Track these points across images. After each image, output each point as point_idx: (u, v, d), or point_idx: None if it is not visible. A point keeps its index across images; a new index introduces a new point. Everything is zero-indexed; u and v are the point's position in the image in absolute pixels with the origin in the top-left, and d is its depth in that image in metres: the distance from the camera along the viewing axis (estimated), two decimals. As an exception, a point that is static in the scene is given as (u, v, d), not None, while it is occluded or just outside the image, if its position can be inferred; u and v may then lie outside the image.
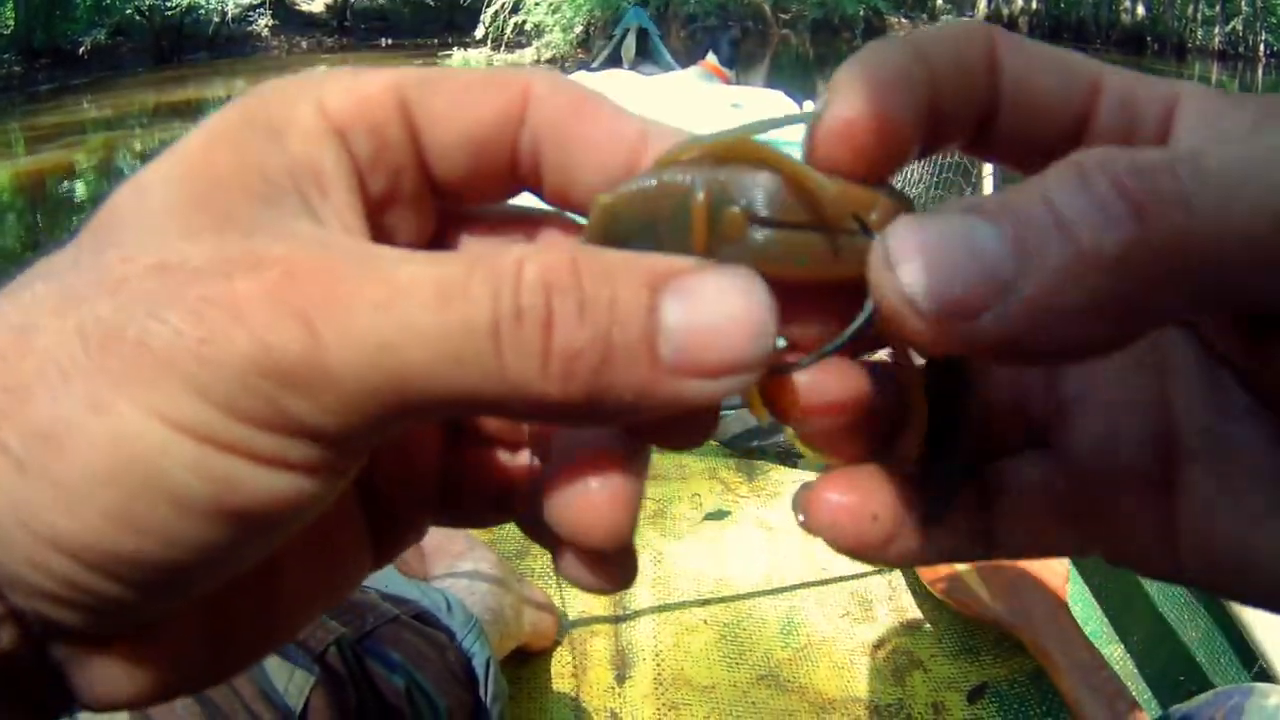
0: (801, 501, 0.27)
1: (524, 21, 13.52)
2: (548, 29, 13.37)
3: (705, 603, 1.59)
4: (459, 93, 0.23)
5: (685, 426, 0.24)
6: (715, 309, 0.20)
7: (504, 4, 13.59)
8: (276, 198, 0.21)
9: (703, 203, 0.21)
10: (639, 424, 0.23)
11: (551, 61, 12.93)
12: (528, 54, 13.36)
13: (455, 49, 14.08)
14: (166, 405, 0.18)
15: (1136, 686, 1.38)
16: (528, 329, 0.19)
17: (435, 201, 0.25)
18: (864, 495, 0.26)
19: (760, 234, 0.22)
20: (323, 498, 0.20)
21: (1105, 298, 0.18)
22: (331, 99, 0.22)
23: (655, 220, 0.22)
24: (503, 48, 13.67)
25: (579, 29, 13.38)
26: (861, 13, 15.85)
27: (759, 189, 0.21)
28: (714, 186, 0.21)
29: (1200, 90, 0.23)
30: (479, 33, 13.78)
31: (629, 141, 0.23)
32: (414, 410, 0.19)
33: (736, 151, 0.22)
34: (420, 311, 0.19)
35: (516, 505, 0.28)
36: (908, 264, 0.19)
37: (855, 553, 0.26)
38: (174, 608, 0.21)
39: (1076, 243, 0.18)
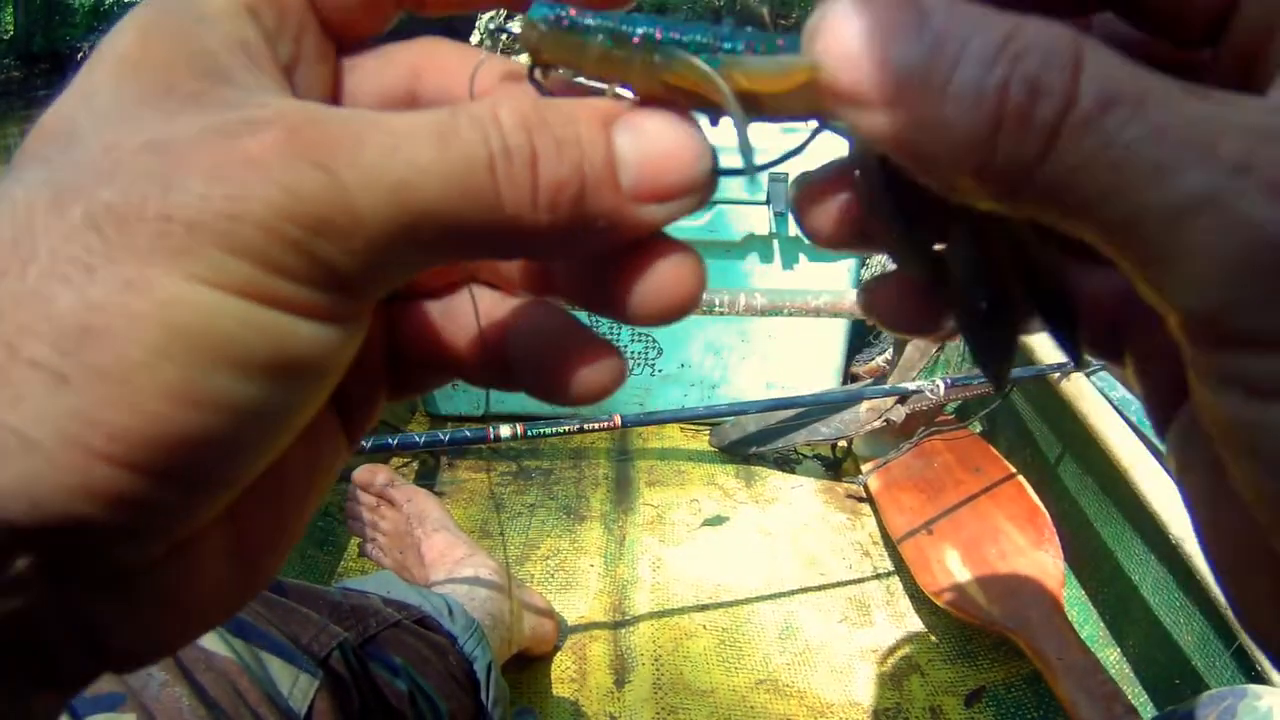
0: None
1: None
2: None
3: (704, 608, 1.60)
4: None
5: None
6: (660, 140, 0.22)
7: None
8: (228, 74, 0.22)
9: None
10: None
11: (549, 67, 12.91)
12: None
13: (453, 55, 14.12)
14: (206, 269, 0.18)
15: (1132, 690, 1.39)
16: (518, 165, 0.21)
17: (331, 50, 0.26)
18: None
19: None
20: (351, 349, 0.21)
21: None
22: None
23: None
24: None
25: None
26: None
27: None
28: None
29: None
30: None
31: None
32: (425, 248, 0.21)
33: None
34: (426, 151, 0.20)
35: (461, 358, 0.28)
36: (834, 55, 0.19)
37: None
38: (215, 508, 0.21)
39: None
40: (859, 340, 2.13)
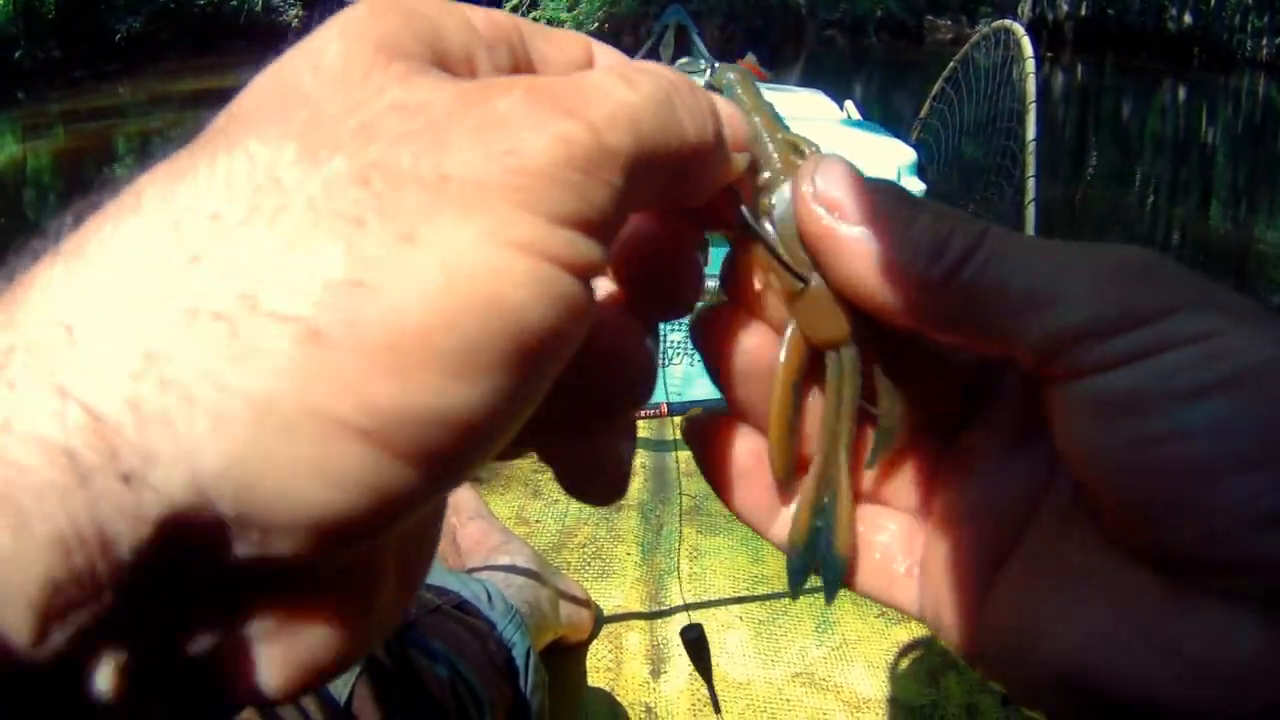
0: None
1: (539, 18, 13.56)
2: (564, 25, 13.42)
3: (741, 599, 1.59)
4: None
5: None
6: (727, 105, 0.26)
7: (520, 1, 13.64)
8: (450, 58, 0.22)
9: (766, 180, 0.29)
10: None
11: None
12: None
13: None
14: (494, 224, 0.17)
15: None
16: (683, 94, 0.23)
17: None
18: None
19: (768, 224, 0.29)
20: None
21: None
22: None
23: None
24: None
25: (594, 25, 13.45)
26: (879, 13, 15.76)
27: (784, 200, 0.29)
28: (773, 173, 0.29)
29: None
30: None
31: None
32: (653, 180, 0.22)
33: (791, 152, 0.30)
34: (627, 93, 0.21)
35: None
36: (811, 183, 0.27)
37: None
38: (425, 506, 0.19)
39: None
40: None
